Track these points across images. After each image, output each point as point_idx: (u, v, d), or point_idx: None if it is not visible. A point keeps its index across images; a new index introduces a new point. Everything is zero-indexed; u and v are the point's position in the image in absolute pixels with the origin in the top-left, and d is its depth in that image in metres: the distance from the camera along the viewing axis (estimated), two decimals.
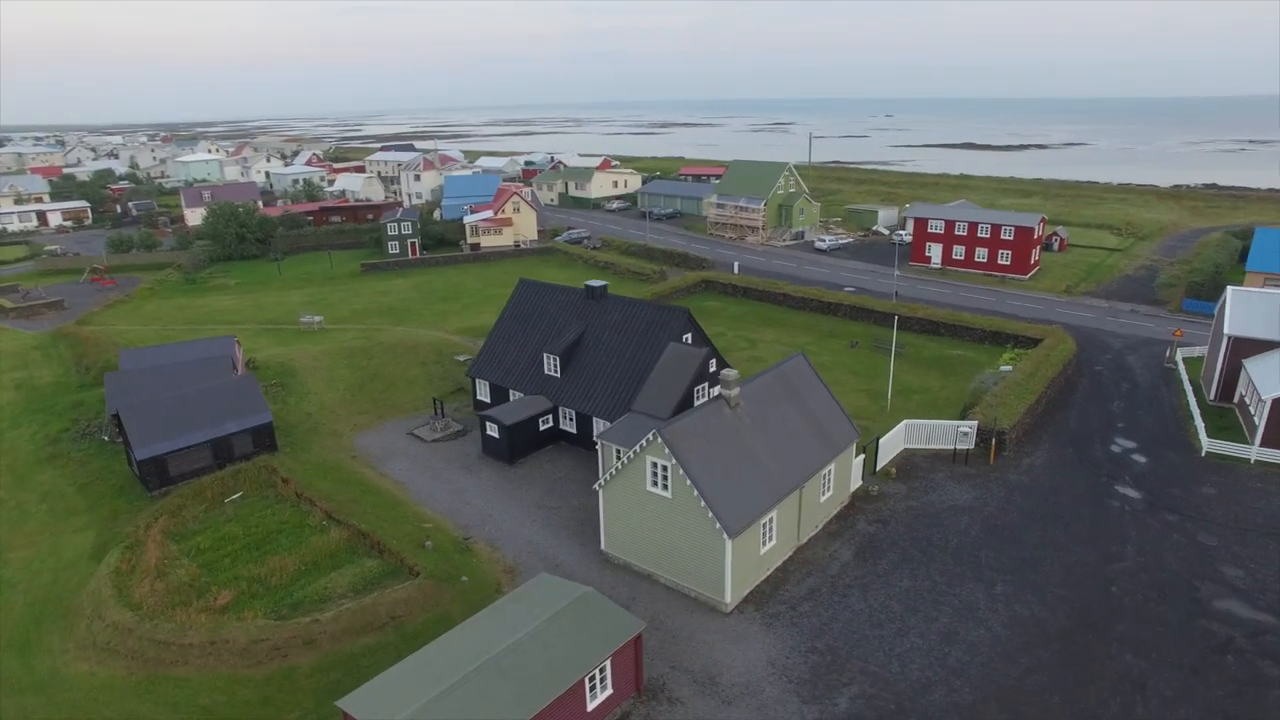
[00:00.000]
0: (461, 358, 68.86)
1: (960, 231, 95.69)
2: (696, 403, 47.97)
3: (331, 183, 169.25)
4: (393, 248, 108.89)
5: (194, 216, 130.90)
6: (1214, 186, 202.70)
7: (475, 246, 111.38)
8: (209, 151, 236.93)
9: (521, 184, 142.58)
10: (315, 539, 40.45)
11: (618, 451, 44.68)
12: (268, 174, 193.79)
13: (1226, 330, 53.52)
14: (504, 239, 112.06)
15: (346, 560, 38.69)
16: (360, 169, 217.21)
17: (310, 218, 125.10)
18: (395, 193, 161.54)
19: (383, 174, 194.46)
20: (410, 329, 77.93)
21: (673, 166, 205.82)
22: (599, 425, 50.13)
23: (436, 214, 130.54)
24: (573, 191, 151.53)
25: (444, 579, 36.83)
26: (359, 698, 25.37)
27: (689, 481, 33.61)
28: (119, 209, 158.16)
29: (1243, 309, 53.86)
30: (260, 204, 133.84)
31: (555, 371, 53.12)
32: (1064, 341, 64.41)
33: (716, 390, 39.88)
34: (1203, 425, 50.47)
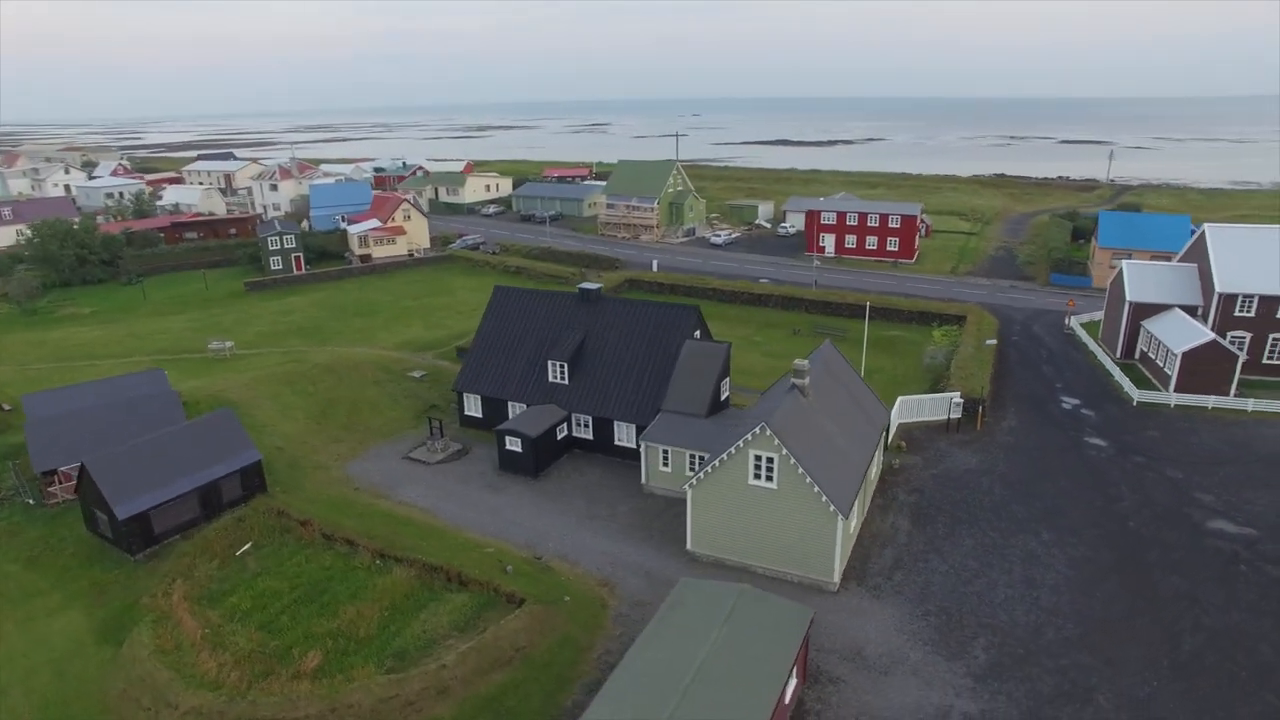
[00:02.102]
0: (417, 374, 65.29)
1: (851, 222, 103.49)
2: (722, 398, 49.13)
3: (159, 196, 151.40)
4: (275, 263, 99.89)
5: None
6: (1003, 176, 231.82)
7: (366, 258, 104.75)
8: None
9: (402, 191, 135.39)
10: (378, 581, 37.26)
11: (664, 452, 45.12)
12: (68, 187, 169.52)
13: (1129, 297, 62.68)
14: (397, 248, 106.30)
15: (429, 598, 36.05)
16: (177, 180, 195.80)
17: (161, 234, 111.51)
18: (245, 204, 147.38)
19: (205, 184, 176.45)
20: (339, 349, 72.46)
21: (528, 170, 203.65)
22: (620, 429, 49.93)
23: (304, 225, 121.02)
24: (444, 197, 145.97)
25: (548, 602, 35.43)
26: None
27: (801, 469, 34.79)
28: None
29: (1138, 279, 63.29)
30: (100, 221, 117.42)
31: (562, 378, 52.05)
32: (985, 317, 72.16)
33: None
34: (1126, 380, 58.84)
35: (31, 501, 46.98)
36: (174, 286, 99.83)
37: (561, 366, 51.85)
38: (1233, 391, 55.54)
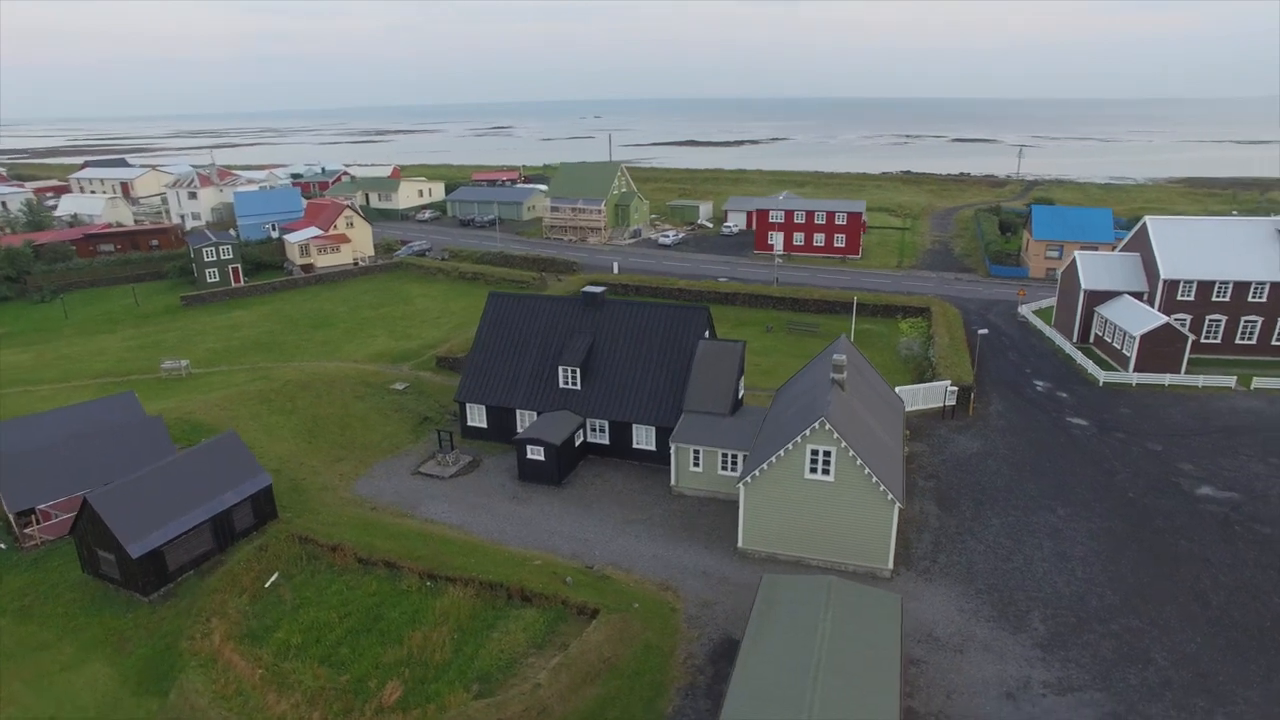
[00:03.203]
0: (399, 386, 63.16)
1: (799, 220, 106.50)
2: (739, 396, 49.84)
3: (53, 206, 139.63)
4: (211, 275, 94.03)
5: None
6: (909, 173, 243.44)
7: (308, 267, 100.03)
8: None
9: (338, 197, 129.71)
10: (434, 603, 35.98)
11: (695, 452, 45.50)
12: None
13: (1084, 285, 67.36)
14: (341, 257, 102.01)
15: (495, 617, 35.10)
16: (64, 188, 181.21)
17: (73, 247, 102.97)
18: (152, 214, 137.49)
19: (104, 193, 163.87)
20: (307, 364, 69.12)
21: (451, 175, 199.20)
22: (639, 432, 49.92)
23: (231, 234, 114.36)
24: (376, 203, 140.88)
25: (619, 611, 35.14)
26: None
27: (860, 461, 35.87)
28: None
29: (1091, 268, 68.11)
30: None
31: (574, 384, 51.54)
32: (948, 309, 75.84)
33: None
34: (1090, 363, 63.23)
35: (3, 546, 42.86)
36: (97, 303, 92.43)
37: (573, 371, 51.33)
38: (1183, 369, 60.60)
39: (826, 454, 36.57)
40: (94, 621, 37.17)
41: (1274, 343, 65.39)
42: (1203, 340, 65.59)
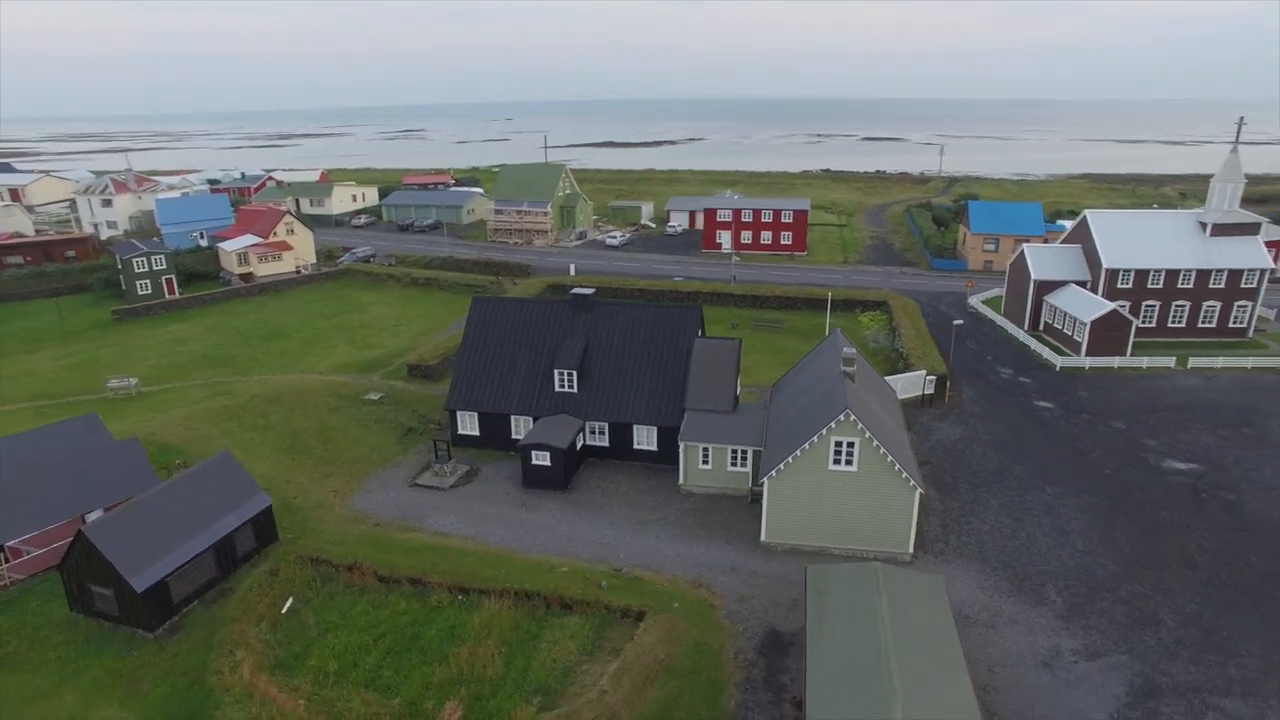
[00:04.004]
0: (374, 396, 61.21)
1: (746, 219, 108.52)
2: (737, 392, 50.57)
3: None
4: (142, 288, 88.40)
5: None
6: (828, 170, 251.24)
7: (248, 276, 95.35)
8: None
9: (273, 203, 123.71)
10: (472, 617, 35.13)
11: (704, 450, 46.03)
12: None
13: (1033, 276, 71.37)
14: (284, 265, 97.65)
15: (538, 627, 34.56)
16: None
17: None
18: (54, 223, 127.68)
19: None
20: (268, 377, 66.06)
21: (376, 179, 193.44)
22: (640, 432, 50.04)
23: (162, 244, 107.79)
24: (308, 209, 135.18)
25: (662, 611, 35.21)
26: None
27: (883, 450, 37.12)
28: None
29: (1039, 260, 72.23)
30: None
31: (570, 387, 51.19)
32: (906, 302, 78.91)
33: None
34: (1045, 349, 67.07)
35: None
36: (13, 320, 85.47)
37: (569, 374, 50.97)
38: (1129, 352, 65.07)
39: (850, 445, 37.65)
40: (95, 663, 34.56)
41: (1200, 325, 70.98)
42: (1141, 325, 70.50)
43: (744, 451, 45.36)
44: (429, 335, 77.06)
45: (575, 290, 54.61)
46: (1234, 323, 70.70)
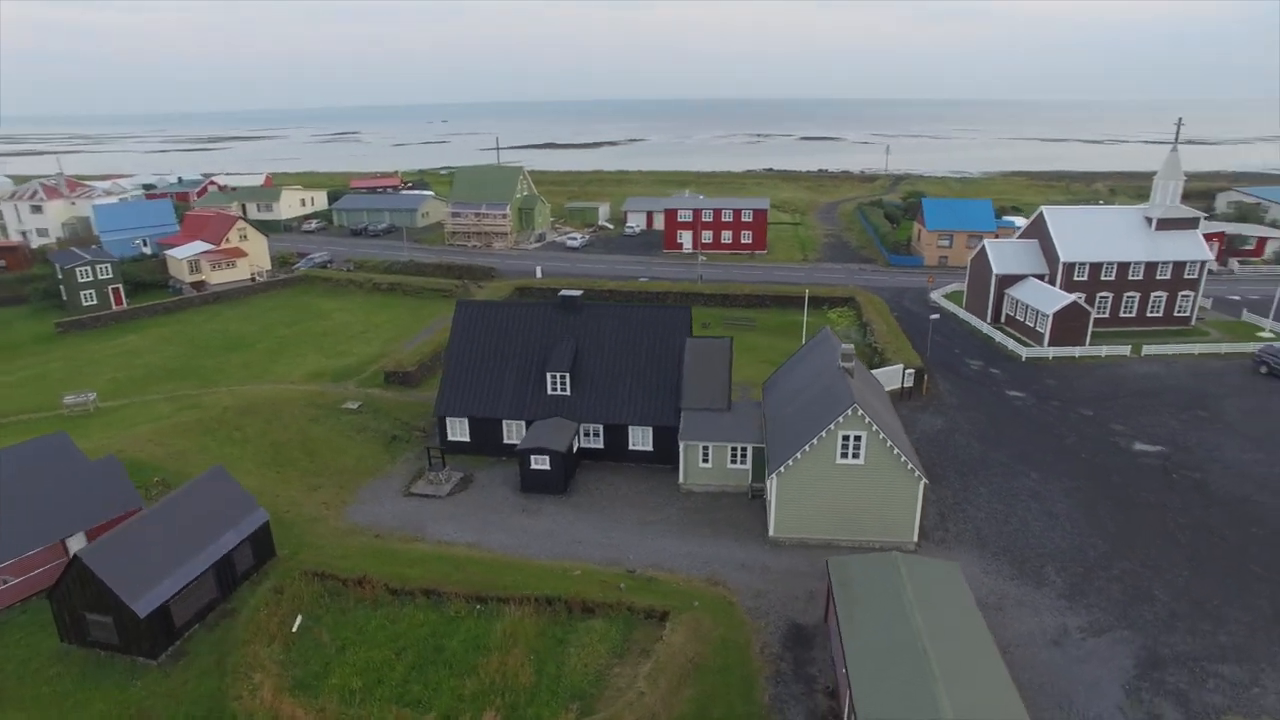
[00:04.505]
0: (352, 405, 59.81)
1: (707, 218, 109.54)
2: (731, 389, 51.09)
3: None
4: (87, 298, 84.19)
5: None
6: (771, 170, 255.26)
7: (199, 285, 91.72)
8: None
9: (220, 207, 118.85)
10: (494, 626, 34.69)
11: (704, 449, 46.47)
12: None
13: (995, 270, 74.07)
14: (239, 273, 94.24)
15: (564, 632, 34.33)
16: None
17: None
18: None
19: None
20: (237, 388, 63.84)
21: (320, 182, 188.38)
22: (635, 433, 50.15)
23: (108, 252, 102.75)
24: (255, 214, 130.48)
25: (687, 610, 35.41)
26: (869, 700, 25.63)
27: (889, 443, 38.11)
28: None
29: (999, 255, 75.02)
30: None
31: (563, 390, 50.96)
32: (873, 298, 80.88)
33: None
34: (1010, 340, 69.69)
35: None
36: None
37: (562, 377, 50.73)
38: (1088, 342, 68.15)
39: (857, 438, 38.53)
40: (95, 696, 32.84)
41: (1149, 314, 74.81)
42: (1096, 316, 73.83)
43: (743, 449, 45.91)
44: (400, 341, 75.53)
45: (564, 292, 54.39)
46: (1179, 312, 74.73)
